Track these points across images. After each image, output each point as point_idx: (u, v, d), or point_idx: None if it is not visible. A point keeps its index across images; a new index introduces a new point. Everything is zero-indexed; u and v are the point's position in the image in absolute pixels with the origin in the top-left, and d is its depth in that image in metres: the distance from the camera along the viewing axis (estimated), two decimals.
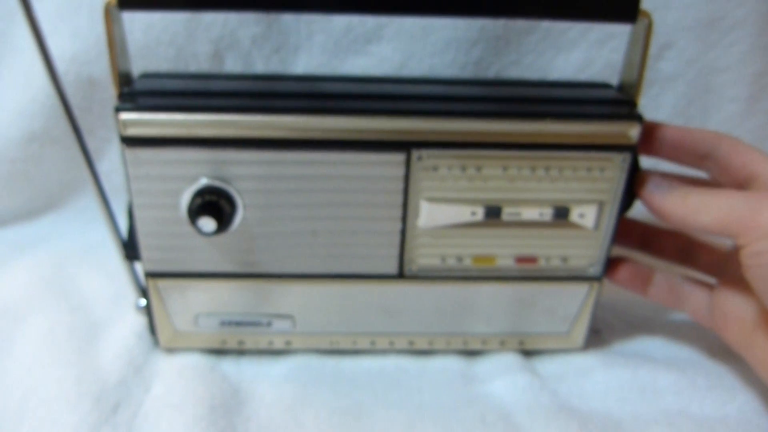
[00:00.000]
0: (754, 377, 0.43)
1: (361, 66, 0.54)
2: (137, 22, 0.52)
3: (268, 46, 0.54)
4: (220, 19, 0.53)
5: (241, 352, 0.46)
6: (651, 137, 0.42)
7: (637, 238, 0.47)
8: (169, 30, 0.53)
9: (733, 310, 0.41)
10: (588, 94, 0.42)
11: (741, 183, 0.39)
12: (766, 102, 0.55)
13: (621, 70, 0.41)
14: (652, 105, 0.55)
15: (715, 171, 0.41)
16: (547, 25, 0.53)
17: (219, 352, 0.46)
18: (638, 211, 0.45)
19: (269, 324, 0.45)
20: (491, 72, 0.54)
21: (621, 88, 0.42)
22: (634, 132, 0.38)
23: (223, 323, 0.44)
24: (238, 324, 0.44)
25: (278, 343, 0.45)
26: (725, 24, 0.52)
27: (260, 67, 0.54)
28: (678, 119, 0.55)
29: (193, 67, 0.54)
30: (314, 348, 0.46)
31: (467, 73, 0.53)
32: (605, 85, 0.43)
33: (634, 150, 0.39)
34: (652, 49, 0.53)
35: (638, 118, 0.38)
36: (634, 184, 0.41)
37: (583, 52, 0.54)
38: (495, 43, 0.53)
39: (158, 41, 0.53)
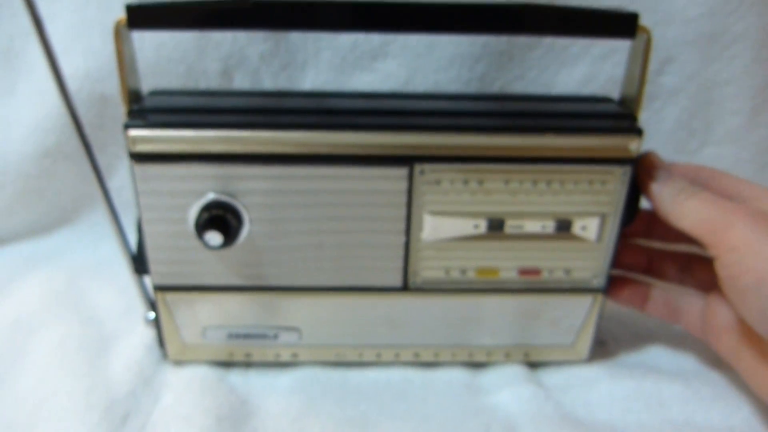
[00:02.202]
0: None
1: (367, 82, 0.55)
2: (148, 41, 0.53)
3: (276, 63, 0.55)
4: (228, 37, 0.54)
5: (248, 364, 0.47)
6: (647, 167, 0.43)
7: (640, 262, 0.47)
8: (180, 48, 0.54)
9: (721, 321, 0.42)
10: (589, 109, 0.43)
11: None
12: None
13: (622, 85, 0.42)
14: (655, 119, 0.55)
15: None
16: (549, 41, 0.53)
17: (227, 364, 0.46)
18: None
19: (276, 336, 0.45)
20: (495, 87, 0.54)
21: (622, 102, 0.42)
22: (634, 145, 0.39)
23: (231, 336, 0.45)
24: (246, 336, 0.45)
25: (285, 356, 0.46)
26: (726, 38, 0.52)
27: (268, 83, 0.55)
28: (681, 133, 0.56)
29: (203, 84, 0.55)
30: (321, 360, 0.46)
31: (471, 89, 0.54)
32: (606, 100, 0.44)
33: (634, 163, 0.40)
34: (654, 64, 0.53)
35: (638, 132, 0.39)
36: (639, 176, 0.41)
37: (586, 66, 0.54)
38: (498, 59, 0.54)
39: (169, 59, 0.54)
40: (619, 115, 0.41)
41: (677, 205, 0.39)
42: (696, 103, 0.55)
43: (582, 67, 0.54)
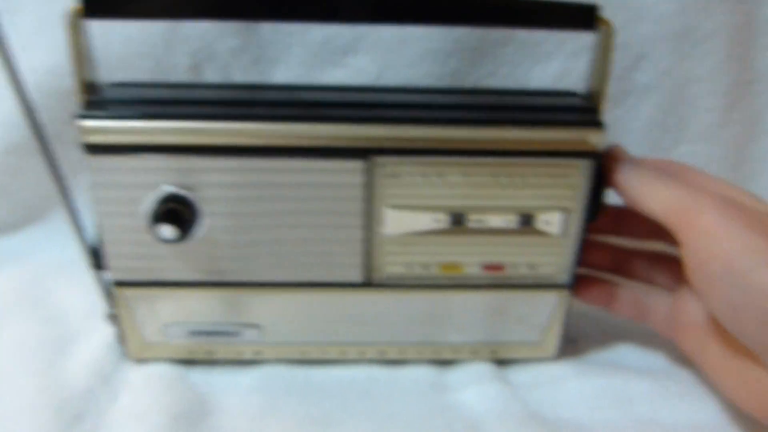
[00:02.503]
0: None
1: (338, 77, 0.54)
2: (116, 34, 0.53)
3: (246, 58, 0.54)
4: (197, 31, 0.53)
5: (211, 362, 0.46)
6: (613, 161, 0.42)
7: (606, 261, 0.47)
8: (148, 42, 0.53)
9: (687, 318, 0.41)
10: (552, 102, 0.42)
11: None
12: (742, 111, 0.55)
13: (588, 79, 0.41)
14: (629, 116, 0.55)
15: None
16: (522, 37, 0.53)
17: (189, 362, 0.46)
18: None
19: (238, 334, 0.44)
20: (468, 83, 0.54)
21: (587, 96, 0.42)
22: (595, 139, 0.38)
23: (192, 333, 0.44)
24: (207, 334, 0.44)
25: (248, 353, 0.45)
26: (698, 34, 0.52)
27: (239, 79, 0.55)
28: (655, 130, 0.55)
29: (173, 79, 0.54)
30: (284, 358, 0.46)
31: (443, 84, 0.54)
32: (572, 94, 0.43)
33: (597, 157, 0.39)
34: (627, 60, 0.53)
35: (599, 125, 0.38)
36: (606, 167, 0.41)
37: (560, 63, 0.54)
38: (471, 55, 0.53)
39: (137, 53, 0.53)
40: (582, 109, 0.40)
41: (645, 186, 0.39)
42: (670, 100, 0.54)
43: (555, 64, 0.54)
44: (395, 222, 0.40)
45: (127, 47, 0.54)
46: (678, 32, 0.52)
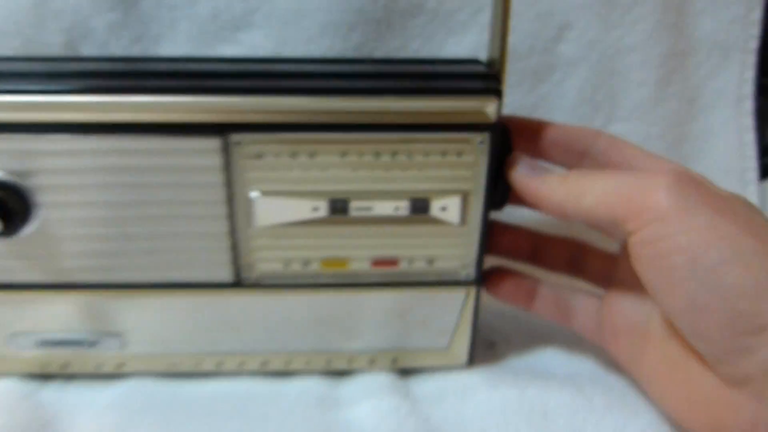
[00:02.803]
0: None
1: (230, 55, 0.48)
2: None
3: (127, 35, 0.48)
4: (70, 5, 0.47)
5: (68, 376, 0.40)
6: (527, 134, 0.37)
7: (523, 248, 0.41)
8: (13, 18, 0.47)
9: (619, 322, 0.36)
10: (449, 70, 0.36)
11: None
12: (677, 85, 0.49)
13: (487, 45, 0.36)
14: (556, 92, 0.50)
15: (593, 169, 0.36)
16: (433, 6, 0.47)
17: (45, 377, 0.40)
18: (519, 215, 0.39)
19: (94, 344, 0.39)
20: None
21: (488, 64, 0.36)
22: (491, 108, 0.33)
23: (42, 343, 0.38)
24: (59, 344, 0.38)
25: (108, 366, 0.39)
26: (626, 0, 0.46)
27: None
28: (584, 107, 0.50)
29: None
30: (152, 371, 0.40)
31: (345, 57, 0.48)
32: (474, 61, 0.38)
33: (494, 129, 0.33)
34: (550, 31, 0.48)
35: (496, 92, 0.33)
36: (504, 169, 0.35)
37: (476, 35, 0.48)
38: (376, 27, 0.47)
39: (2, 32, 0.47)
40: (480, 75, 0.35)
41: (571, 186, 0.33)
42: (599, 74, 0.49)
43: (471, 36, 0.48)
44: (265, 211, 0.35)
45: None
46: None
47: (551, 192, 0.33)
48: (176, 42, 0.49)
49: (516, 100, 0.49)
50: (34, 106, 0.32)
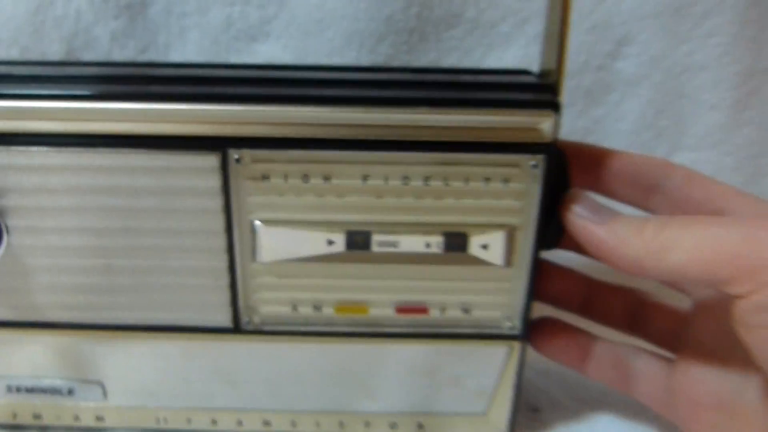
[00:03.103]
0: None
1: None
2: None
3: (133, 45, 0.44)
4: (71, 12, 0.43)
5: (42, 428, 0.34)
6: (584, 163, 0.31)
7: (574, 295, 0.35)
8: (11, 26, 0.43)
9: (701, 391, 0.29)
10: (495, 80, 0.31)
11: None
12: (756, 109, 0.43)
13: (540, 53, 0.30)
14: (612, 115, 0.43)
15: (665, 208, 0.30)
16: (472, 16, 0.42)
17: (14, 428, 0.34)
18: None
19: (71, 392, 0.33)
20: None
21: (541, 76, 0.30)
22: (546, 125, 0.27)
23: (11, 390, 0.33)
24: (30, 391, 0.33)
25: (86, 419, 0.34)
26: (698, 9, 0.41)
27: None
28: (645, 133, 0.44)
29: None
30: (135, 427, 0.34)
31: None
32: (525, 72, 0.32)
33: (550, 151, 0.27)
34: (607, 45, 0.42)
35: (552, 106, 0.27)
36: (559, 203, 0.29)
37: (521, 49, 0.42)
38: (407, 38, 0.42)
39: None
40: (531, 86, 0.29)
41: (652, 238, 0.26)
42: (663, 95, 0.43)
43: (515, 50, 0.43)
44: (270, 244, 0.29)
45: None
46: (672, 6, 0.41)
47: (624, 245, 0.27)
48: (186, 53, 0.44)
49: (565, 124, 0.43)
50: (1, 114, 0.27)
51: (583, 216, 0.28)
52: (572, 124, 0.44)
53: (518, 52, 0.43)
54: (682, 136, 0.44)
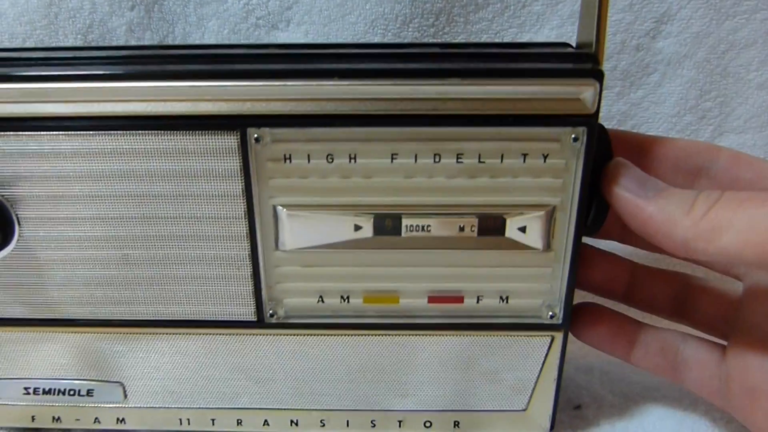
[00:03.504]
0: None
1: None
2: None
3: (149, 36, 0.43)
4: (86, 4, 0.42)
5: (61, 431, 0.33)
6: (625, 149, 0.29)
7: (617, 282, 0.32)
8: (25, 19, 0.42)
9: (759, 378, 0.27)
10: (532, 51, 0.29)
11: None
12: None
13: (578, 28, 0.28)
14: (652, 98, 0.41)
15: None
16: None
17: (34, 431, 0.33)
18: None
19: (90, 393, 0.31)
20: None
21: (579, 47, 0.28)
22: (589, 94, 0.25)
23: (29, 392, 0.31)
24: (48, 393, 0.32)
25: (107, 421, 0.32)
26: None
27: None
28: (688, 116, 0.41)
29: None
30: (157, 429, 0.33)
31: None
32: (563, 44, 0.30)
33: (593, 123, 0.25)
34: (647, 23, 0.40)
35: (594, 74, 0.25)
36: (602, 181, 0.27)
37: (554, 30, 0.41)
38: (434, 21, 0.40)
39: (12, 34, 0.42)
40: (572, 56, 0.27)
41: (701, 217, 0.24)
42: (707, 75, 0.40)
43: (548, 31, 0.41)
44: (294, 230, 0.27)
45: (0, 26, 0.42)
46: None
47: (672, 224, 0.25)
48: (204, 42, 0.43)
49: (603, 108, 0.41)
50: (8, 96, 0.25)
51: (628, 189, 0.26)
52: (610, 108, 0.42)
53: (551, 33, 0.41)
54: (728, 118, 0.41)
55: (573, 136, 0.26)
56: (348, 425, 0.32)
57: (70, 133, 0.26)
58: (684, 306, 0.32)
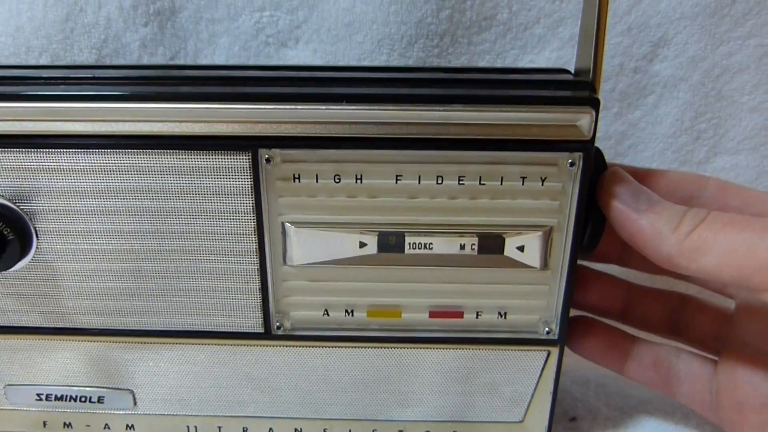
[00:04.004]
0: None
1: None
2: (4, 25, 0.43)
3: (162, 52, 0.44)
4: (101, 20, 0.43)
5: None
6: None
7: (613, 301, 0.34)
8: (41, 34, 0.43)
9: (748, 392, 0.28)
10: (531, 78, 0.30)
11: None
12: None
13: (576, 55, 0.29)
14: (649, 119, 0.42)
15: None
16: (505, 18, 0.41)
17: None
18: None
19: (101, 400, 0.32)
20: None
21: (577, 74, 0.29)
22: (585, 121, 0.26)
23: (41, 398, 0.32)
24: (60, 399, 0.33)
25: (117, 427, 0.33)
26: (737, 10, 0.40)
27: None
28: (683, 137, 0.42)
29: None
30: None
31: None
32: (562, 71, 0.31)
33: (589, 149, 0.26)
34: (644, 47, 0.41)
35: (590, 102, 0.26)
36: (598, 189, 0.28)
37: (555, 52, 0.42)
38: (438, 42, 0.42)
39: (29, 48, 0.43)
40: (569, 83, 0.28)
41: (686, 236, 0.25)
42: (702, 98, 0.42)
43: (549, 53, 0.42)
44: (301, 246, 0.28)
45: (17, 41, 0.44)
46: (710, 7, 0.40)
47: (659, 239, 0.26)
48: (215, 59, 0.44)
49: (601, 128, 0.42)
50: (30, 115, 0.26)
51: (623, 200, 0.27)
52: (608, 128, 0.43)
53: (552, 54, 0.42)
54: (722, 140, 0.43)
55: (570, 160, 0.27)
56: None
57: (88, 150, 0.27)
58: (678, 324, 0.33)
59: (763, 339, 0.28)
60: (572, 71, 0.30)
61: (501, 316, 0.30)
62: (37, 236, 0.29)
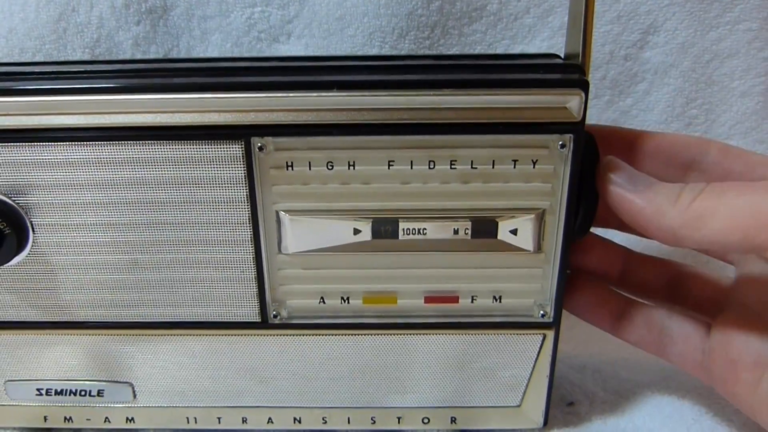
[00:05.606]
0: None
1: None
2: None
3: (154, 50, 0.44)
4: (93, 19, 0.43)
5: (72, 431, 0.34)
6: (617, 145, 0.31)
7: (611, 268, 0.34)
8: (34, 35, 0.44)
9: (741, 351, 0.28)
10: (520, 62, 0.30)
11: None
12: None
13: (566, 41, 0.30)
14: (640, 106, 0.43)
15: None
16: (495, 8, 0.41)
17: (46, 431, 0.34)
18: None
19: (100, 394, 0.33)
20: None
21: (567, 58, 0.30)
22: (575, 103, 0.26)
23: (41, 393, 0.33)
24: (60, 394, 0.33)
25: (117, 420, 0.34)
26: None
27: None
28: (675, 124, 0.43)
29: None
30: (165, 427, 0.34)
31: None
32: (552, 56, 0.31)
33: (579, 130, 0.27)
34: (634, 34, 0.41)
35: (580, 84, 0.26)
36: (595, 179, 0.28)
37: (545, 41, 0.42)
38: (429, 33, 0.42)
39: (23, 49, 0.44)
40: (559, 67, 0.28)
41: (688, 206, 0.25)
42: (692, 84, 0.42)
43: (539, 43, 0.42)
44: (296, 234, 0.29)
45: (10, 42, 0.44)
46: None
47: (661, 215, 0.26)
48: (208, 55, 0.44)
49: (592, 115, 0.42)
50: (24, 109, 0.27)
51: (619, 184, 0.27)
52: (600, 116, 0.43)
53: (542, 44, 0.42)
54: (713, 125, 0.43)
55: (560, 142, 0.27)
56: (349, 422, 0.33)
57: (82, 143, 0.27)
58: (676, 291, 0.33)
59: (762, 303, 0.28)
60: (562, 57, 0.30)
61: (496, 300, 0.30)
62: (33, 230, 0.29)
